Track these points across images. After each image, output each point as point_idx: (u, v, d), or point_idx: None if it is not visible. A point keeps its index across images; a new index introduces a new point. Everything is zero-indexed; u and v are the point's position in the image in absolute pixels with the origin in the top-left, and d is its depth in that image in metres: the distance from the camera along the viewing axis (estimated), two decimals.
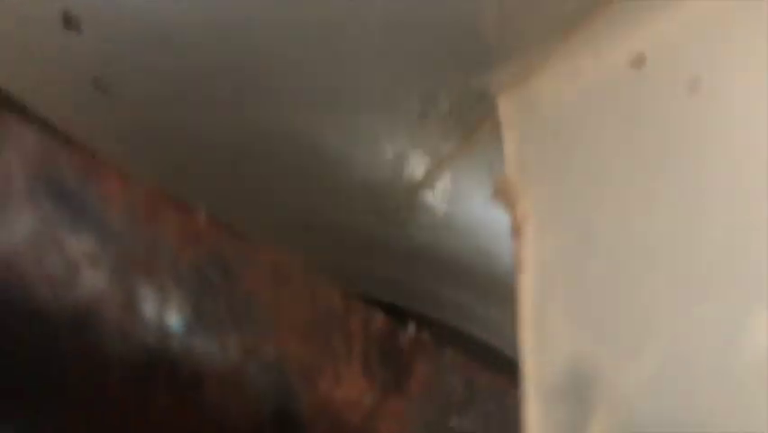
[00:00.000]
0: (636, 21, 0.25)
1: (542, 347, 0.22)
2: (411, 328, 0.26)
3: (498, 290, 0.54)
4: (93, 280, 0.22)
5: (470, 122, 0.35)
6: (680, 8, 0.24)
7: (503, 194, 0.26)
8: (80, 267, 0.22)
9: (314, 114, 0.37)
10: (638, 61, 0.25)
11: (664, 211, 0.22)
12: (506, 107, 0.30)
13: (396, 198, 0.44)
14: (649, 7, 0.25)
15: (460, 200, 0.42)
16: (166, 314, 0.22)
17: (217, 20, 0.31)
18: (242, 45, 0.33)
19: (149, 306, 0.22)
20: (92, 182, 0.22)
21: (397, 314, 0.60)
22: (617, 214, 0.23)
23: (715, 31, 0.23)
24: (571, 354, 0.20)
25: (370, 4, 0.29)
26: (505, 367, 0.30)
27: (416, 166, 0.40)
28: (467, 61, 0.31)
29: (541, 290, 0.23)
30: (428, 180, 0.41)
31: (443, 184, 0.41)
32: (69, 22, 0.33)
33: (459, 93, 0.33)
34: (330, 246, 0.55)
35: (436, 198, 0.43)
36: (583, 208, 0.24)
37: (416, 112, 0.35)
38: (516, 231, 0.25)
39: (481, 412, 0.26)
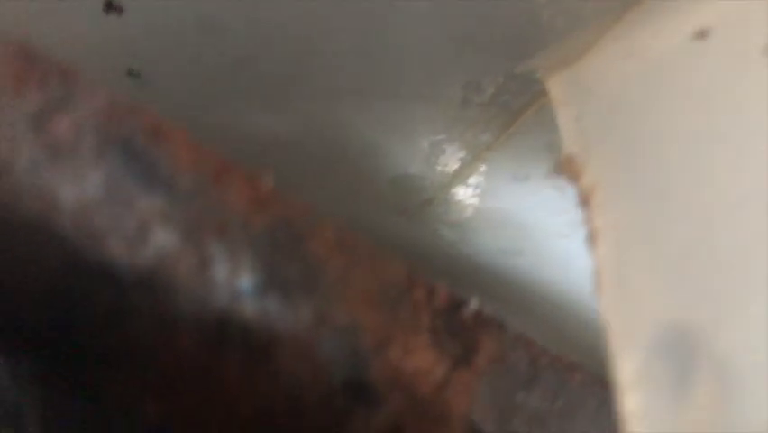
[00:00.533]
0: None
1: (630, 312, 0.21)
2: (474, 303, 0.25)
3: (515, 292, 0.53)
4: (164, 240, 0.21)
5: (511, 110, 0.35)
6: None
7: (566, 167, 0.26)
8: (151, 225, 0.21)
9: (349, 104, 0.36)
10: (703, 34, 0.25)
11: (746, 166, 0.22)
12: (557, 88, 0.30)
13: (426, 194, 0.44)
14: None
15: (492, 196, 0.42)
16: (238, 276, 0.22)
17: (259, 9, 0.31)
18: (281, 36, 0.33)
19: (221, 267, 0.21)
20: (161, 144, 0.22)
21: None
22: (693, 174, 0.23)
23: None
24: (665, 316, 0.20)
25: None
26: None
27: (451, 159, 0.39)
28: (514, 45, 0.31)
29: (621, 256, 0.22)
30: (462, 174, 0.41)
31: (476, 179, 0.41)
32: (111, 5, 0.33)
33: (504, 79, 0.33)
34: None
35: (467, 193, 0.42)
36: (655, 173, 0.24)
37: (457, 100, 0.35)
38: (584, 201, 0.24)
39: (547, 389, 0.25)
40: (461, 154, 0.39)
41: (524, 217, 0.43)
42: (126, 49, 0.35)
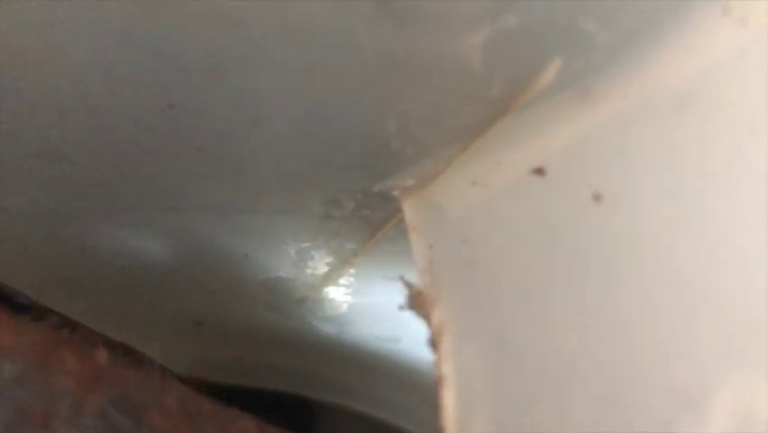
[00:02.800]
0: (535, 132, 0.26)
1: None
2: None
3: (402, 373, 0.54)
4: None
5: (373, 222, 0.35)
6: (575, 121, 0.25)
7: (417, 301, 0.26)
8: None
9: (214, 219, 0.36)
10: (540, 171, 0.26)
11: (580, 320, 0.22)
12: (411, 211, 0.30)
13: (298, 294, 0.43)
14: (545, 120, 0.26)
15: (364, 293, 0.42)
16: None
17: (107, 141, 0.30)
18: (134, 161, 0.32)
19: None
20: None
21: (308, 406, 0.59)
22: (533, 322, 0.23)
23: (612, 144, 0.24)
24: None
25: (269, 120, 0.28)
26: None
27: (320, 264, 0.39)
28: (370, 168, 0.31)
29: (465, 405, 0.23)
30: (332, 277, 0.40)
31: (347, 280, 0.41)
32: None
33: (362, 196, 0.33)
34: (228, 341, 0.54)
35: (339, 292, 0.42)
36: (500, 317, 0.24)
37: (319, 214, 0.35)
38: (434, 343, 0.24)
39: None
40: (329, 260, 0.39)
41: (397, 310, 0.43)
42: None
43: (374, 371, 0.54)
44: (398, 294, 0.42)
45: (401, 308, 0.27)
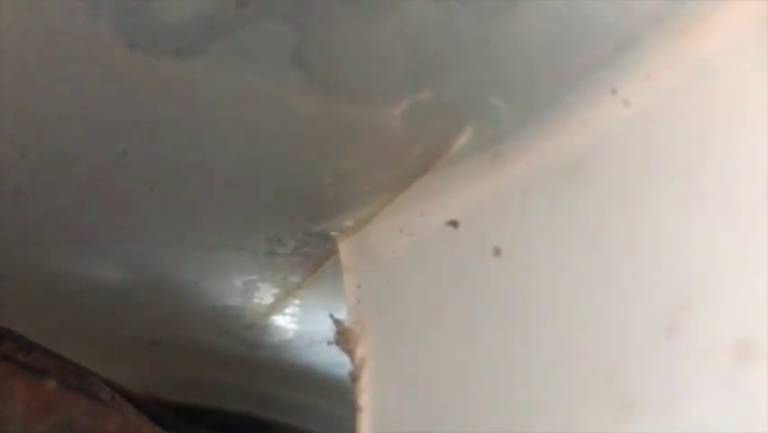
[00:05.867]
0: (452, 188, 0.29)
1: None
2: None
3: (344, 391, 0.56)
4: None
5: (314, 258, 0.38)
6: (486, 180, 0.28)
7: (344, 340, 0.29)
8: None
9: (166, 252, 0.38)
10: (454, 223, 0.29)
11: (479, 359, 0.25)
12: (346, 252, 0.33)
13: (247, 320, 0.46)
14: (462, 177, 0.29)
15: (309, 321, 0.45)
16: None
17: (60, 178, 0.32)
18: (102, 198, 0.34)
19: None
20: None
21: (267, 427, 0.61)
22: (440, 361, 0.26)
23: (514, 204, 0.27)
24: None
25: (215, 168, 0.31)
26: None
27: (266, 294, 0.42)
28: (308, 212, 0.34)
29: None
30: (278, 306, 0.43)
31: (293, 309, 0.43)
32: None
33: (303, 235, 0.36)
34: (183, 361, 0.56)
35: (286, 320, 0.45)
36: (413, 355, 0.27)
37: (263, 250, 0.37)
38: (354, 377, 0.27)
39: None
40: (275, 291, 0.42)
41: None
42: None
43: (327, 392, 0.56)
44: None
45: (329, 343, 0.30)
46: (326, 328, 0.46)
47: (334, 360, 0.51)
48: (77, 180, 0.33)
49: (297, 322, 0.45)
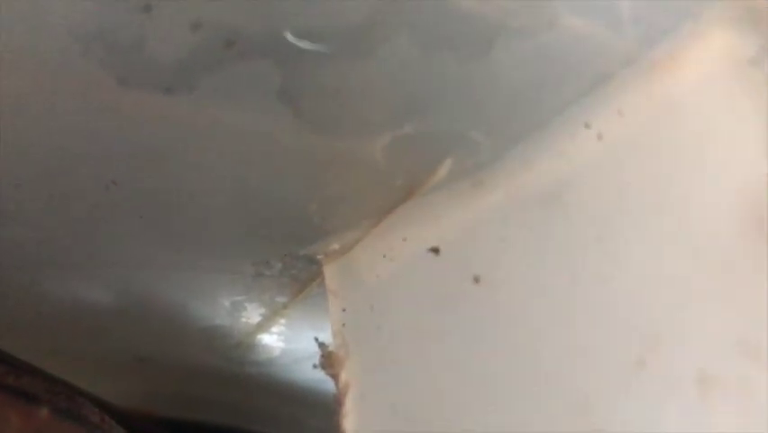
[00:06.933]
0: (434, 215, 0.30)
1: None
2: None
3: (328, 406, 0.57)
4: None
5: (301, 280, 0.39)
6: (467, 208, 0.30)
7: (328, 364, 0.30)
8: None
9: (156, 274, 0.39)
10: (435, 250, 0.30)
11: (458, 386, 0.26)
12: (331, 276, 0.34)
13: (234, 339, 0.47)
14: (443, 205, 0.30)
15: (295, 340, 0.46)
16: None
17: (66, 202, 0.33)
18: (92, 224, 0.35)
19: None
20: None
21: None
22: (421, 386, 0.27)
23: (493, 232, 0.28)
24: None
25: (203, 197, 0.32)
26: None
27: (253, 314, 0.43)
28: (295, 236, 0.35)
29: None
30: (264, 326, 0.44)
31: (279, 329, 0.44)
32: None
33: (289, 258, 0.37)
34: (171, 377, 0.57)
35: (272, 338, 0.46)
36: (395, 380, 0.28)
37: (250, 272, 0.38)
38: (338, 401, 0.28)
39: None
40: (262, 311, 0.42)
41: None
42: None
43: (312, 407, 0.57)
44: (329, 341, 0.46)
45: (315, 366, 0.31)
46: (311, 346, 0.47)
47: (319, 376, 0.52)
48: (68, 209, 0.34)
49: (284, 340, 0.46)
